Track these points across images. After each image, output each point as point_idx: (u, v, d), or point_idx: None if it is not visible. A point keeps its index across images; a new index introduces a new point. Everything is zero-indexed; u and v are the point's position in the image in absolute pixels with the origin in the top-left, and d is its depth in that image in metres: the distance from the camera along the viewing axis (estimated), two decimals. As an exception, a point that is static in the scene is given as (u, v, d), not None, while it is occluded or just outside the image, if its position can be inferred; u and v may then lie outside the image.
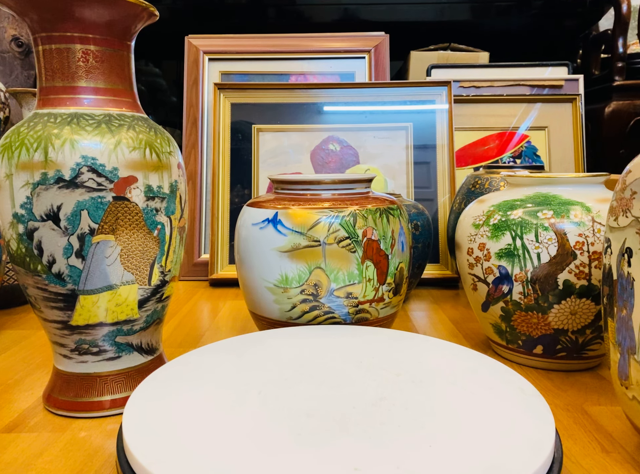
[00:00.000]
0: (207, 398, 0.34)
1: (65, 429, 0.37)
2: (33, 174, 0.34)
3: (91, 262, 0.36)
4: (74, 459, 0.33)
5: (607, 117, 1.05)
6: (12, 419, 0.39)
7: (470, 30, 1.18)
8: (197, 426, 0.30)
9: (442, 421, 0.31)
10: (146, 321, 0.40)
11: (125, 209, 0.36)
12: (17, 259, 0.37)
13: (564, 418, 0.39)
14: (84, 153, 0.34)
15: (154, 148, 0.37)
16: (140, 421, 0.31)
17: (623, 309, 0.30)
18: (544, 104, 0.98)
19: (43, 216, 0.35)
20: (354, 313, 0.47)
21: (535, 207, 0.45)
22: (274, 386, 0.35)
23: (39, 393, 0.43)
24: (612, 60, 1.06)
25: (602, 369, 0.48)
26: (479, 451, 0.28)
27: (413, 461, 0.27)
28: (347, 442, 0.29)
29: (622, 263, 0.30)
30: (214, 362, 0.39)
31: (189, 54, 0.95)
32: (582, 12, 1.13)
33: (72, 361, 0.39)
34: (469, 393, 0.34)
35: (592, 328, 0.44)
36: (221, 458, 0.27)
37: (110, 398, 0.39)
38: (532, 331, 0.46)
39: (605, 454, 0.34)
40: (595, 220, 0.43)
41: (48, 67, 0.36)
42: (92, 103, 0.37)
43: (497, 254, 0.46)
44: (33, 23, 0.36)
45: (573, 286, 0.43)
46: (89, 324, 0.37)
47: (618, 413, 0.39)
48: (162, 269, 0.39)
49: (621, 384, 0.31)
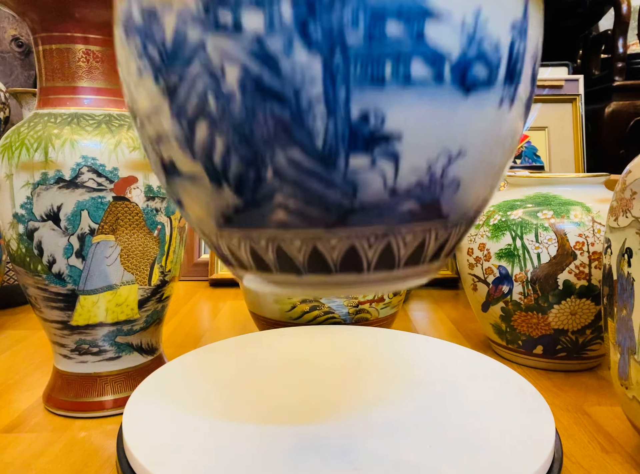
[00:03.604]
0: (207, 398, 0.34)
1: (66, 430, 0.37)
2: (33, 174, 0.34)
3: (91, 262, 0.36)
4: (74, 459, 0.33)
5: (607, 118, 1.05)
6: (12, 419, 0.39)
7: (470, 30, 1.18)
8: (197, 426, 0.30)
9: (442, 421, 0.31)
10: (146, 321, 0.40)
11: (126, 209, 0.36)
12: (17, 259, 0.37)
13: (564, 418, 0.39)
14: (84, 153, 0.34)
15: (154, 148, 0.37)
16: (141, 421, 0.31)
17: (623, 310, 0.30)
18: (544, 104, 0.98)
19: (43, 216, 0.35)
20: (354, 313, 0.47)
21: (536, 208, 0.46)
22: (274, 386, 0.35)
23: (39, 393, 0.43)
24: (612, 61, 1.06)
25: (602, 370, 0.48)
26: (479, 451, 0.28)
27: (413, 461, 0.27)
28: (346, 442, 0.29)
29: (622, 263, 0.30)
30: (214, 362, 0.39)
31: (189, 54, 0.95)
32: (582, 13, 1.13)
33: (72, 361, 0.39)
34: (469, 393, 0.34)
35: (592, 328, 0.44)
36: (221, 459, 0.27)
37: (110, 398, 0.39)
38: (532, 331, 0.46)
39: (605, 454, 0.34)
40: (595, 220, 0.43)
41: (48, 67, 0.36)
42: (92, 103, 0.37)
43: (497, 254, 0.46)
44: (33, 23, 0.36)
45: (573, 286, 0.43)
46: (89, 324, 0.37)
47: (618, 413, 0.39)
48: (162, 269, 0.39)
49: (621, 384, 0.31)
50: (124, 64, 0.20)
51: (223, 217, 0.20)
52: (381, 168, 0.18)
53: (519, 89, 0.20)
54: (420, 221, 0.20)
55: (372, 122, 0.17)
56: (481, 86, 0.18)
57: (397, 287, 0.22)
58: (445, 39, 0.17)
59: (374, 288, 0.21)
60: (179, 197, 0.22)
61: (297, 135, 0.17)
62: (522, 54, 0.19)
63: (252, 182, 0.18)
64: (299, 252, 0.20)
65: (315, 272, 0.20)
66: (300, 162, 0.17)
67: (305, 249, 0.20)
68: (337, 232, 0.19)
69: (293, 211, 0.19)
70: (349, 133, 0.17)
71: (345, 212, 0.19)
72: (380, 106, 0.17)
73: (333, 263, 0.20)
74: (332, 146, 0.17)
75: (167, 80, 0.18)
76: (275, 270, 0.21)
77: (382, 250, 0.20)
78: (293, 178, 0.18)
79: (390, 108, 0.17)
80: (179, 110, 0.18)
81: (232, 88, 0.17)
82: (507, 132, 0.20)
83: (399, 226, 0.19)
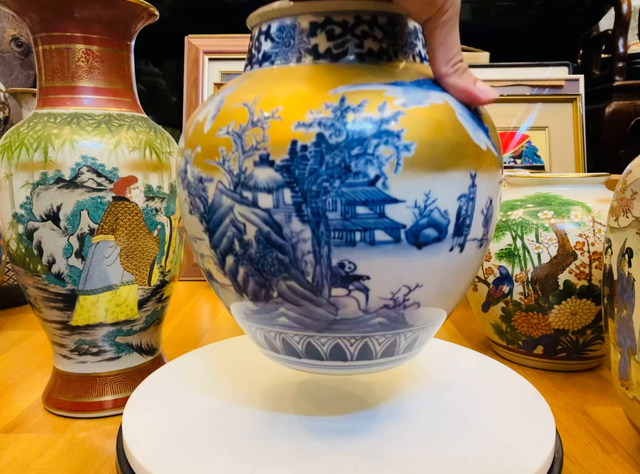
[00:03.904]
0: (207, 399, 0.34)
1: (65, 430, 0.37)
2: (33, 174, 0.34)
3: (91, 262, 0.36)
4: (74, 459, 0.33)
5: (608, 118, 1.05)
6: (11, 420, 0.39)
7: (470, 30, 1.18)
8: (196, 426, 0.30)
9: (442, 421, 0.31)
10: (146, 321, 0.40)
11: (125, 209, 0.36)
12: (17, 260, 0.37)
13: (564, 419, 0.38)
14: (83, 153, 0.34)
15: (154, 148, 0.37)
16: (140, 421, 0.31)
17: (623, 310, 0.30)
18: (544, 104, 0.98)
19: (43, 216, 0.35)
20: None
21: (536, 208, 0.45)
22: (274, 386, 0.35)
23: (38, 393, 0.43)
24: (612, 61, 1.06)
25: (603, 370, 0.47)
26: (480, 452, 0.27)
27: (413, 461, 0.27)
28: (347, 442, 0.29)
29: (622, 263, 0.30)
30: (214, 362, 0.39)
31: (189, 53, 0.95)
32: (582, 12, 1.13)
33: (71, 361, 0.39)
34: (469, 393, 0.34)
35: (592, 328, 0.44)
36: (221, 459, 0.27)
37: (110, 398, 0.39)
38: (533, 331, 0.46)
39: (606, 454, 0.34)
40: (595, 220, 0.43)
41: (48, 67, 0.36)
42: (92, 103, 0.36)
43: (498, 254, 0.46)
44: (33, 23, 0.36)
45: (573, 287, 0.43)
46: (89, 325, 0.37)
47: (618, 413, 0.39)
48: (162, 269, 0.39)
49: (621, 384, 0.31)
50: (181, 199, 0.28)
51: (244, 314, 0.28)
52: (355, 296, 0.24)
53: (469, 236, 0.25)
54: (389, 329, 0.26)
55: (347, 269, 0.24)
56: (432, 242, 0.24)
57: (377, 370, 0.28)
58: (400, 216, 0.23)
59: (357, 371, 0.28)
60: (215, 291, 0.29)
61: (294, 273, 0.24)
62: (471, 212, 0.25)
63: (263, 297, 0.26)
64: (298, 343, 0.27)
65: (310, 358, 0.27)
66: (297, 289, 0.25)
67: (303, 342, 0.27)
68: (325, 334, 0.26)
69: (292, 318, 0.26)
70: (330, 274, 0.24)
71: (330, 323, 0.25)
72: (353, 259, 0.23)
73: (324, 353, 0.27)
74: (319, 282, 0.24)
75: (208, 224, 0.26)
76: (281, 352, 0.28)
77: (361, 347, 0.26)
78: (292, 299, 0.25)
79: (360, 260, 0.23)
80: (215, 244, 0.26)
81: (250, 239, 0.24)
82: (460, 267, 0.25)
83: (373, 332, 0.26)
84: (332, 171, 0.22)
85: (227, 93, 0.26)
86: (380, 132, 0.22)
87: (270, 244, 0.24)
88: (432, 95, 0.24)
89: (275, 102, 0.23)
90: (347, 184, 0.22)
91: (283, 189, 0.23)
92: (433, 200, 0.23)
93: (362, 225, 0.23)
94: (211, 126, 0.25)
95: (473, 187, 0.24)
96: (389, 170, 0.22)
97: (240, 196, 0.24)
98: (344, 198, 0.22)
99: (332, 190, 0.22)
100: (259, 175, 0.23)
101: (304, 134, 0.22)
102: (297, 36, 0.26)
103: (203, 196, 0.25)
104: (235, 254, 0.25)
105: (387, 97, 0.23)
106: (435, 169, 0.23)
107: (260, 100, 0.24)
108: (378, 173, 0.22)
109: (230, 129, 0.24)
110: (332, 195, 0.22)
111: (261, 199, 0.23)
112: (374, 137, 0.22)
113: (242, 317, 0.28)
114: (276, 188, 0.23)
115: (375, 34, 0.25)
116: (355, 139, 0.22)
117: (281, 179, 0.23)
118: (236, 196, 0.24)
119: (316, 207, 0.23)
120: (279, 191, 0.23)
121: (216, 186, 0.24)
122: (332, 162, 0.22)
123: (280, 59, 0.26)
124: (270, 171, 0.23)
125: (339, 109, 0.22)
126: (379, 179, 0.22)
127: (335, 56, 0.25)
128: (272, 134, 0.23)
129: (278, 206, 0.23)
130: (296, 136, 0.22)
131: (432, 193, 0.23)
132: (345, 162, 0.22)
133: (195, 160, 0.25)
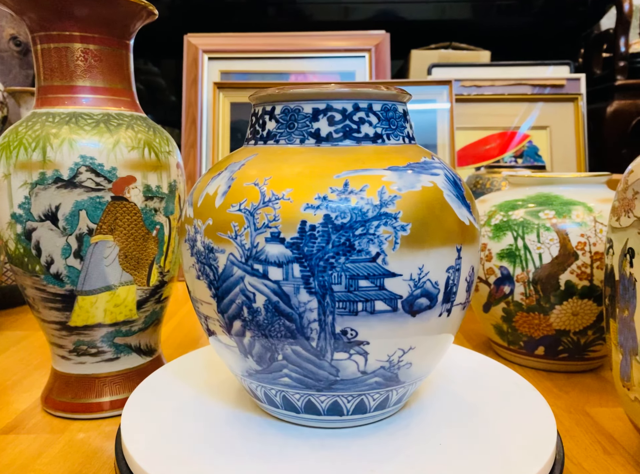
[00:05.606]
0: (206, 400, 0.33)
1: (64, 431, 0.37)
2: (31, 174, 0.34)
3: (89, 262, 0.36)
4: (72, 461, 0.33)
5: (609, 117, 1.04)
6: (10, 421, 0.38)
7: (471, 29, 1.18)
8: (195, 428, 0.30)
9: (442, 422, 0.31)
10: (145, 322, 0.39)
11: (124, 209, 0.36)
12: (15, 260, 0.36)
13: (565, 420, 0.38)
14: (82, 153, 0.34)
15: (153, 148, 0.37)
16: (139, 422, 0.30)
17: (625, 310, 0.30)
18: (545, 103, 0.98)
19: (41, 216, 0.35)
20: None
21: (537, 208, 0.45)
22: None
23: (37, 394, 0.43)
24: (614, 60, 1.06)
25: (604, 371, 0.47)
26: (480, 453, 0.27)
27: (413, 461, 0.27)
28: (347, 442, 0.29)
29: (624, 264, 0.30)
30: (212, 363, 0.39)
31: (188, 52, 0.95)
32: (583, 11, 1.13)
33: (70, 362, 0.39)
34: (470, 394, 0.34)
35: (594, 329, 0.44)
36: (221, 460, 0.27)
37: (108, 399, 0.39)
38: (534, 332, 0.45)
39: (607, 455, 0.34)
40: (597, 220, 0.43)
41: (46, 66, 0.36)
42: (90, 102, 0.36)
43: (499, 254, 0.46)
44: (31, 22, 0.35)
45: (575, 287, 0.43)
46: (88, 325, 0.37)
47: (620, 414, 0.39)
48: (160, 269, 0.39)
49: (623, 385, 0.31)
50: (187, 264, 0.29)
51: (247, 372, 0.30)
52: (355, 360, 0.27)
53: (455, 302, 0.28)
54: (384, 387, 0.29)
55: (349, 335, 0.26)
56: (425, 310, 0.27)
57: (369, 421, 0.31)
58: (398, 288, 0.26)
59: (351, 424, 0.30)
60: (216, 349, 0.31)
61: (299, 339, 0.26)
62: (457, 281, 0.27)
63: (268, 359, 0.28)
64: (298, 401, 0.29)
65: (309, 413, 0.30)
66: (301, 353, 0.27)
67: (303, 400, 0.29)
68: (325, 393, 0.28)
69: (295, 379, 0.28)
70: (333, 340, 0.26)
71: (331, 383, 0.28)
72: (355, 326, 0.26)
73: (322, 409, 0.29)
74: (323, 347, 0.26)
75: (217, 290, 0.27)
76: (281, 407, 0.30)
77: (357, 403, 0.29)
78: (296, 362, 0.27)
79: (361, 327, 0.26)
80: (223, 310, 0.28)
81: (259, 306, 0.26)
82: (446, 329, 0.29)
83: (369, 390, 0.28)
84: (337, 249, 0.25)
85: (236, 169, 0.28)
86: (380, 214, 0.25)
87: (279, 312, 0.26)
88: (422, 179, 0.27)
89: (284, 184, 0.26)
90: (351, 260, 0.25)
91: (292, 263, 0.25)
92: (426, 273, 0.26)
93: (364, 296, 0.25)
94: (222, 201, 0.27)
95: (459, 259, 0.27)
96: (388, 248, 0.25)
97: (251, 268, 0.26)
98: (348, 273, 0.25)
99: (337, 265, 0.25)
100: (270, 250, 0.25)
101: (312, 215, 0.25)
102: (300, 120, 0.28)
103: (213, 265, 0.27)
104: (244, 320, 0.27)
105: (385, 182, 0.26)
106: (427, 246, 0.26)
107: (270, 181, 0.26)
108: (379, 251, 0.25)
109: (242, 206, 0.26)
110: (337, 270, 0.25)
111: (271, 272, 0.25)
112: (375, 219, 0.25)
113: (244, 375, 0.30)
114: (286, 262, 0.25)
115: (371, 119, 0.28)
116: (359, 220, 0.25)
117: (291, 254, 0.25)
118: (247, 268, 0.26)
119: (323, 280, 0.25)
120: (289, 265, 0.25)
121: (227, 257, 0.26)
122: (338, 241, 0.25)
123: (284, 139, 0.28)
124: (280, 247, 0.25)
125: (343, 193, 0.25)
126: (379, 256, 0.25)
127: (336, 140, 0.28)
128: (283, 214, 0.25)
129: (287, 278, 0.25)
130: (305, 216, 0.25)
131: (425, 267, 0.26)
132: (350, 241, 0.25)
133: (206, 231, 0.27)
